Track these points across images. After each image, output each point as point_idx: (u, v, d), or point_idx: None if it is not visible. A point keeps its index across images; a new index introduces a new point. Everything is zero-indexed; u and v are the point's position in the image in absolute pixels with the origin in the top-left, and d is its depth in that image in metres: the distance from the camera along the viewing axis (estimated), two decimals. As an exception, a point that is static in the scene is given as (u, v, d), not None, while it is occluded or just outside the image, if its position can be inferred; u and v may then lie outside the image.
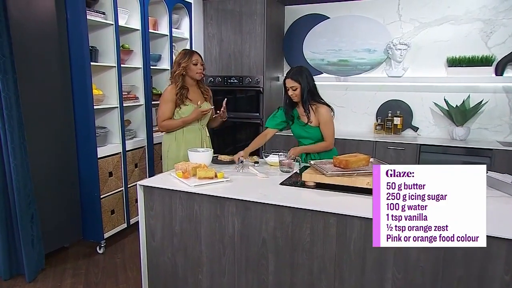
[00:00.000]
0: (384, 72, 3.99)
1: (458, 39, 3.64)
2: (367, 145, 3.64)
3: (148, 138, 3.40)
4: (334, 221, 1.67)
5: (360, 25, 3.99)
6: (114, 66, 3.00)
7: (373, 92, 4.08)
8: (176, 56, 2.60)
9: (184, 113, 2.57)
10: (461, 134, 3.52)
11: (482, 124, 3.65)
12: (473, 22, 3.56)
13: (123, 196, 3.19)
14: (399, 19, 3.86)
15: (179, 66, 2.54)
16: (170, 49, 3.61)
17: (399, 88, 3.96)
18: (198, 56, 2.59)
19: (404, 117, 3.92)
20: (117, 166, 3.10)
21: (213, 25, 4.08)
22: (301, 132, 2.55)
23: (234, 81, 4.03)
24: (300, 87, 2.42)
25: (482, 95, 3.57)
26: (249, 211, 1.81)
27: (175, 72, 2.57)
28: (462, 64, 3.57)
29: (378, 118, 4.02)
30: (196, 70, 2.57)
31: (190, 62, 2.54)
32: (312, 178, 1.99)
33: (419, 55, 3.82)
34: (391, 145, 3.58)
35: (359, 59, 4.05)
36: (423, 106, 3.90)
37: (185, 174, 2.00)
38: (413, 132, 3.94)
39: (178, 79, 2.55)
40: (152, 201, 2.01)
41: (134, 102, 3.29)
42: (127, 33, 3.26)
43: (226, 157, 2.48)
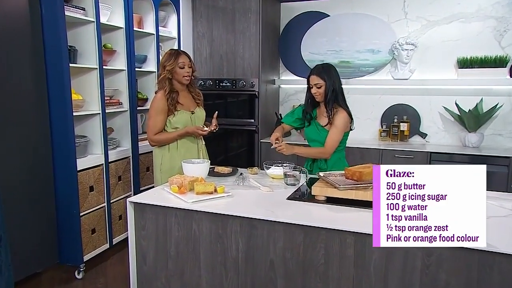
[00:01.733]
0: (389, 74, 4.00)
1: (469, 39, 3.67)
2: (372, 154, 3.63)
3: (133, 147, 3.33)
4: (351, 240, 1.62)
5: (363, 24, 4.00)
6: (96, 68, 2.94)
7: (377, 95, 4.08)
8: (162, 57, 2.53)
9: (177, 122, 2.50)
10: (474, 140, 3.53)
11: (496, 129, 3.67)
12: (485, 20, 3.60)
13: (105, 213, 3.10)
14: (405, 17, 3.88)
15: (164, 69, 2.46)
16: (156, 50, 3.55)
17: (405, 91, 3.96)
18: (186, 58, 2.50)
19: (411, 122, 3.92)
20: (99, 179, 3.00)
21: (203, 23, 4.04)
22: (314, 134, 2.53)
23: (227, 84, 3.98)
24: (325, 85, 2.42)
25: (496, 99, 3.60)
26: (255, 230, 1.76)
27: (160, 75, 2.50)
28: (474, 65, 3.60)
29: (383, 124, 4.02)
30: (182, 73, 2.49)
31: (176, 64, 2.46)
32: (323, 192, 1.94)
33: (426, 56, 3.84)
34: (399, 153, 3.57)
35: (362, 61, 4.05)
36: (432, 111, 3.91)
37: (181, 189, 1.93)
38: (421, 139, 3.95)
39: (165, 83, 2.47)
40: (143, 219, 1.93)
41: (118, 108, 3.22)
42: (110, 32, 3.19)
43: (224, 168, 2.43)
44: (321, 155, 2.47)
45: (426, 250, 1.51)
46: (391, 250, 1.56)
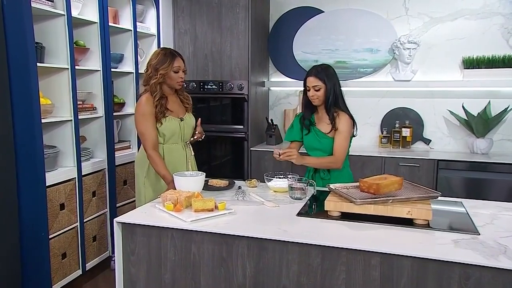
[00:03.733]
0: (388, 75, 4.01)
1: (475, 37, 3.72)
2: (374, 162, 3.61)
3: (108, 158, 3.22)
4: (377, 261, 1.57)
5: (360, 21, 4.01)
6: (67, 68, 2.82)
7: (377, 98, 4.08)
8: (152, 58, 2.43)
9: (165, 129, 2.42)
10: (483, 147, 3.57)
11: (505, 135, 3.72)
12: (492, 17, 3.66)
13: (77, 234, 2.97)
14: (406, 14, 3.91)
15: (157, 73, 2.37)
16: (134, 48, 3.45)
17: (407, 94, 3.98)
18: (181, 61, 2.44)
19: (414, 128, 3.93)
20: (71, 195, 2.87)
21: (186, 19, 3.95)
22: (314, 142, 2.51)
23: (212, 86, 3.91)
24: (325, 88, 2.41)
25: (505, 101, 3.65)
26: (265, 252, 1.69)
27: (150, 78, 2.39)
28: (481, 65, 3.65)
29: (384, 130, 4.02)
30: (176, 78, 2.42)
31: (171, 68, 2.38)
32: (338, 207, 1.89)
33: (429, 56, 3.87)
34: (402, 161, 3.56)
35: (360, 61, 4.05)
36: (436, 115, 3.94)
37: (177, 206, 1.83)
38: (425, 145, 3.96)
39: (156, 88, 2.38)
40: (133, 242, 1.82)
41: (91, 114, 3.10)
42: (82, 27, 3.09)
43: (220, 181, 2.35)
44: (332, 165, 2.44)
45: (463, 273, 1.46)
46: (423, 273, 1.51)
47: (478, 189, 3.35)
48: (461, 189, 3.40)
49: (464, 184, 3.40)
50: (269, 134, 4.04)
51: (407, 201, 1.87)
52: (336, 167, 2.46)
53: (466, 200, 2.18)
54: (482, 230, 1.72)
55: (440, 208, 2.00)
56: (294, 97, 4.30)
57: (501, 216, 1.93)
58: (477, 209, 2.01)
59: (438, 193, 1.92)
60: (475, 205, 2.09)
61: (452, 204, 2.12)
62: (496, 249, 1.52)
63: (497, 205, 2.11)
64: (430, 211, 1.76)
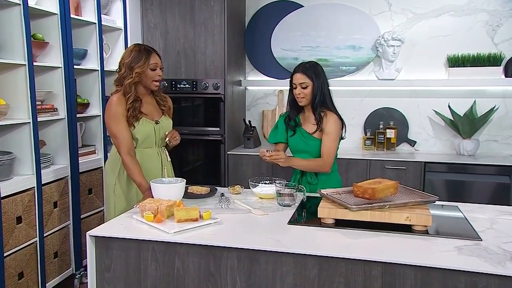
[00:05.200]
0: (372, 74, 4.07)
1: (460, 34, 3.83)
2: (359, 164, 3.64)
3: (72, 165, 3.10)
4: (378, 272, 1.56)
5: (342, 16, 4.04)
6: (24, 64, 2.70)
7: (360, 98, 4.13)
8: (125, 56, 2.34)
9: (138, 133, 2.35)
10: (470, 148, 3.66)
11: (491, 135, 3.84)
12: (476, 14, 3.77)
13: (36, 251, 2.84)
14: (389, 9, 3.98)
15: (132, 72, 2.29)
16: (99, 42, 3.36)
17: (391, 93, 4.05)
18: (157, 57, 2.38)
19: (398, 128, 4.00)
20: (29, 207, 2.74)
21: (155, 12, 3.88)
22: (300, 143, 2.52)
23: (185, 86, 3.85)
24: (312, 86, 2.42)
25: (490, 101, 3.76)
26: (257, 264, 1.65)
27: (124, 78, 2.31)
28: (466, 64, 3.75)
29: (367, 131, 4.06)
30: (154, 76, 2.36)
31: (147, 66, 2.32)
32: (332, 214, 1.89)
33: (413, 53, 3.95)
34: (388, 164, 3.61)
35: (342, 58, 4.09)
36: (420, 115, 4.02)
37: (157, 217, 1.77)
38: (410, 147, 4.03)
39: (130, 89, 2.30)
40: (108, 258, 1.75)
41: (52, 116, 2.99)
42: (40, 18, 2.97)
43: (200, 188, 2.31)
44: (320, 169, 2.45)
45: (469, 281, 1.47)
46: (427, 282, 1.51)
47: (467, 192, 3.43)
48: (450, 192, 3.48)
49: (452, 186, 3.48)
50: (247, 137, 4.01)
51: (404, 206, 1.88)
52: (324, 171, 2.47)
53: (462, 204, 2.22)
54: (483, 235, 1.74)
55: (436, 213, 2.02)
56: (272, 97, 4.29)
57: (500, 220, 1.96)
58: (474, 214, 2.05)
59: (436, 197, 1.94)
60: (472, 209, 2.12)
61: (447, 208, 2.15)
62: (502, 255, 1.54)
63: (494, 208, 2.16)
64: (430, 216, 1.77)
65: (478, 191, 3.43)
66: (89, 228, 3.29)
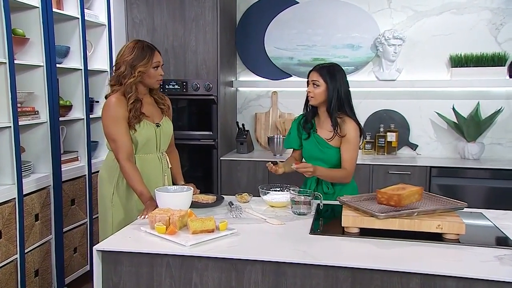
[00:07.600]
0: (371, 74, 4.08)
1: (462, 33, 3.87)
2: (361, 170, 3.62)
3: (54, 173, 3.00)
4: (416, 284, 1.54)
5: (340, 13, 4.05)
6: (4, 62, 2.60)
7: (359, 100, 4.11)
8: (125, 53, 2.26)
9: (140, 135, 2.28)
10: (475, 152, 3.70)
11: (495, 138, 3.89)
12: (479, 12, 3.83)
13: (16, 268, 2.73)
14: (389, 7, 4.00)
15: (134, 71, 2.22)
16: (82, 39, 3.26)
17: (391, 94, 4.06)
18: (159, 55, 2.33)
19: (400, 132, 4.02)
20: (9, 221, 2.63)
21: (141, 7, 3.80)
22: (315, 151, 2.51)
23: (175, 87, 3.78)
24: (326, 87, 2.42)
25: (494, 102, 3.82)
26: (284, 278, 1.61)
27: (125, 77, 2.23)
28: (469, 63, 3.80)
29: (367, 134, 4.06)
30: (156, 76, 2.31)
31: (150, 65, 2.25)
32: (358, 223, 1.85)
33: (414, 53, 3.98)
34: (392, 169, 3.62)
35: (340, 58, 4.08)
36: (422, 118, 4.04)
37: (170, 228, 1.69)
38: (411, 151, 4.06)
39: (131, 89, 2.23)
40: (117, 274, 1.67)
41: (32, 119, 2.88)
42: (20, 11, 2.87)
43: (207, 197, 2.25)
44: (343, 180, 2.48)
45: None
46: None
47: (474, 196, 3.45)
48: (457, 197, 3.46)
49: (459, 191, 3.49)
50: (240, 141, 3.96)
51: (432, 213, 1.87)
52: (345, 182, 2.49)
53: (485, 211, 2.22)
54: (520, 243, 1.74)
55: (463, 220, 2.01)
56: (266, 98, 4.26)
57: (530, 226, 1.97)
58: (500, 221, 2.05)
59: (465, 203, 1.93)
60: (496, 216, 2.13)
61: (472, 215, 2.13)
62: (544, 263, 1.54)
63: (520, 214, 2.17)
64: (463, 224, 1.76)
65: (485, 196, 3.47)
66: (71, 243, 3.22)
